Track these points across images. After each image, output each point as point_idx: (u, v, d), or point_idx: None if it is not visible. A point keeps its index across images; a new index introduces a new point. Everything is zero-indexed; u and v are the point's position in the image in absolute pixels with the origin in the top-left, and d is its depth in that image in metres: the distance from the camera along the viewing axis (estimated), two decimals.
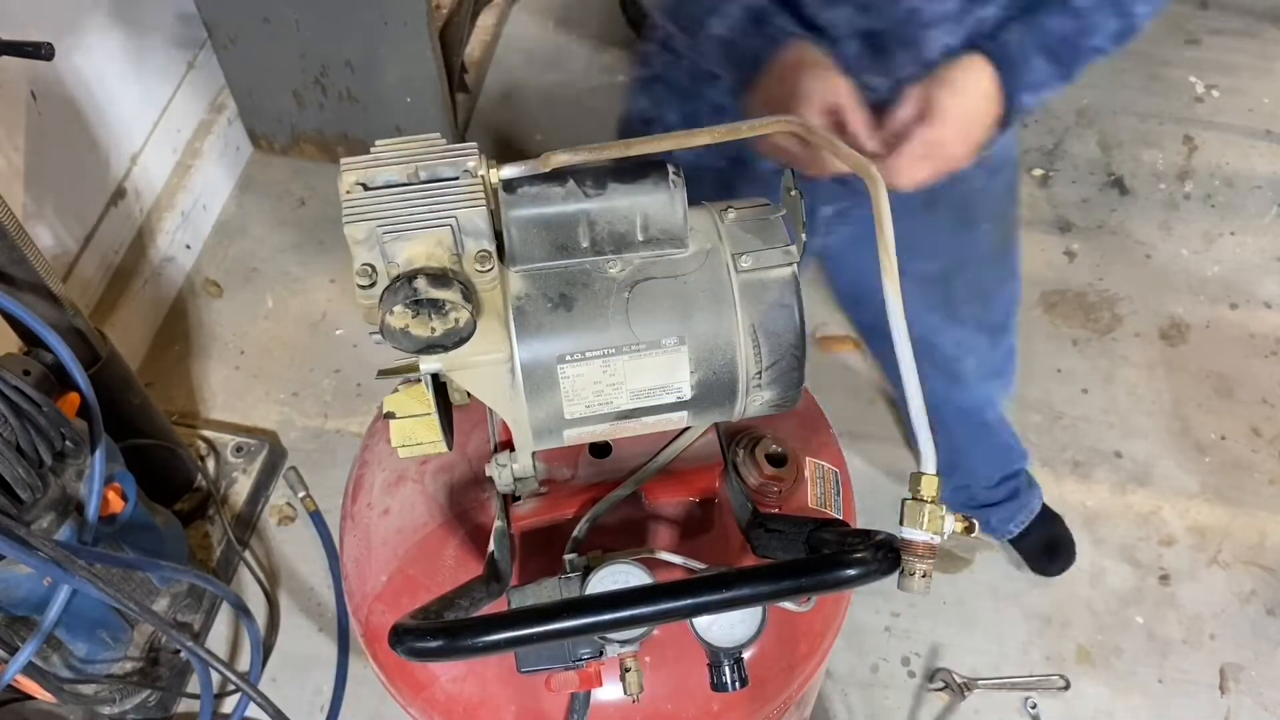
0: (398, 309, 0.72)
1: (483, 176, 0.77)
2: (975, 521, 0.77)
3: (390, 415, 0.92)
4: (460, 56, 2.51)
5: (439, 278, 0.72)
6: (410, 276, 0.72)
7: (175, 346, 2.32)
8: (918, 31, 1.13)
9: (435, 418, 0.90)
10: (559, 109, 2.72)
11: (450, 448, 0.94)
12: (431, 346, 0.76)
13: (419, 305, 0.72)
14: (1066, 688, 1.91)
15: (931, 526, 0.72)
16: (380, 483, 1.12)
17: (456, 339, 0.75)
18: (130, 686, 1.72)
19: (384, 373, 0.93)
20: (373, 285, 0.74)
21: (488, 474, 0.95)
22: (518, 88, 2.77)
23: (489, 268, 0.75)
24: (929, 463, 0.73)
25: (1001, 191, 1.42)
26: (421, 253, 0.73)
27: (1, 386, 1.30)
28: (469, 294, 0.74)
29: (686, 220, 0.83)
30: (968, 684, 1.91)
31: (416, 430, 0.92)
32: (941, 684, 1.92)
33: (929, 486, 0.73)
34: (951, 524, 0.74)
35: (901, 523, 0.74)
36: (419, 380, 0.89)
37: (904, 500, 0.74)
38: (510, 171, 0.78)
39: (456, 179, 0.76)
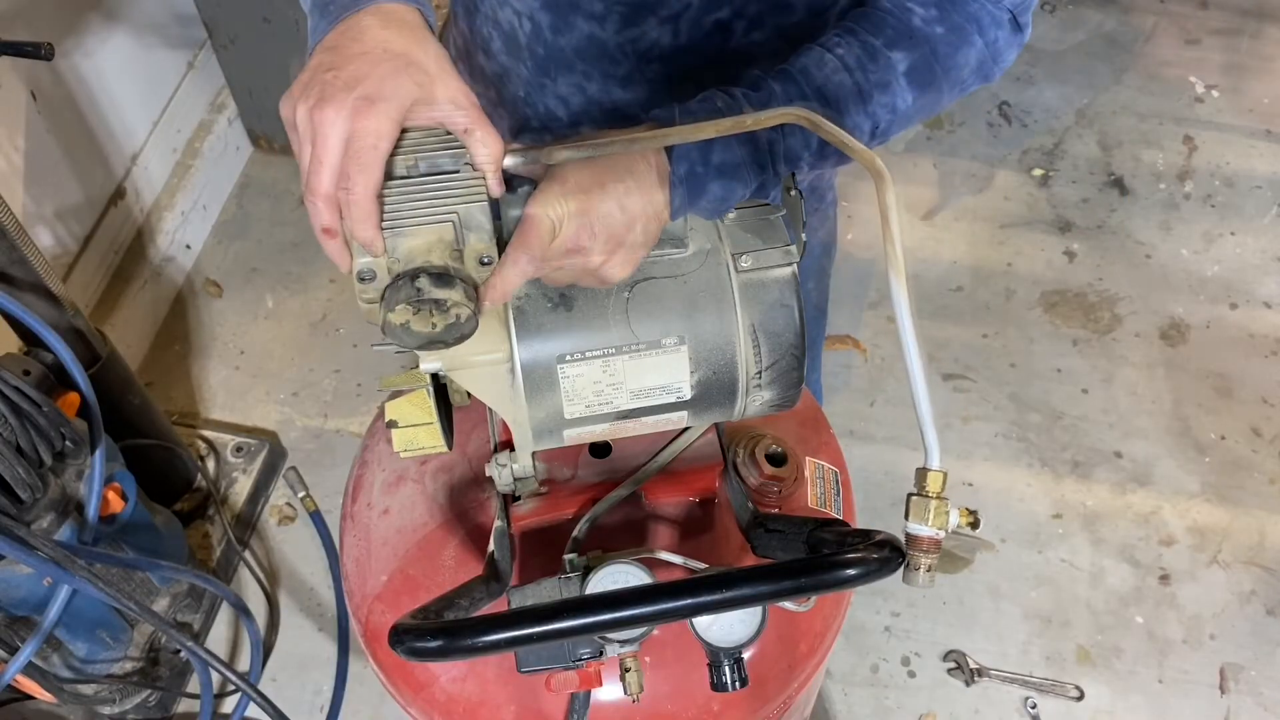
0: (399, 306, 0.72)
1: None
2: (979, 515, 0.77)
3: (392, 424, 0.92)
4: None
5: (441, 276, 0.72)
6: (413, 275, 0.71)
7: (175, 346, 2.32)
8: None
9: (437, 426, 0.90)
10: None
11: (451, 448, 0.94)
12: (433, 342, 0.75)
13: (421, 304, 0.72)
14: (1080, 698, 1.91)
15: (937, 521, 0.73)
16: (380, 483, 1.12)
17: (458, 335, 0.75)
18: (130, 686, 1.72)
19: (388, 385, 0.93)
20: (373, 281, 0.74)
21: (488, 474, 0.95)
22: None
23: (490, 262, 0.75)
24: (934, 458, 0.73)
25: (820, 252, 1.38)
26: (422, 247, 0.73)
27: (1, 386, 1.30)
28: (471, 291, 0.74)
29: (686, 220, 0.83)
30: (980, 670, 1.92)
31: (419, 436, 0.92)
32: (954, 664, 1.93)
33: (935, 481, 0.73)
34: (956, 518, 0.74)
35: (907, 517, 0.74)
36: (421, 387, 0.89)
37: (909, 495, 0.74)
38: (511, 161, 0.77)
39: (457, 171, 0.75)
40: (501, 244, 0.78)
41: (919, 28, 0.88)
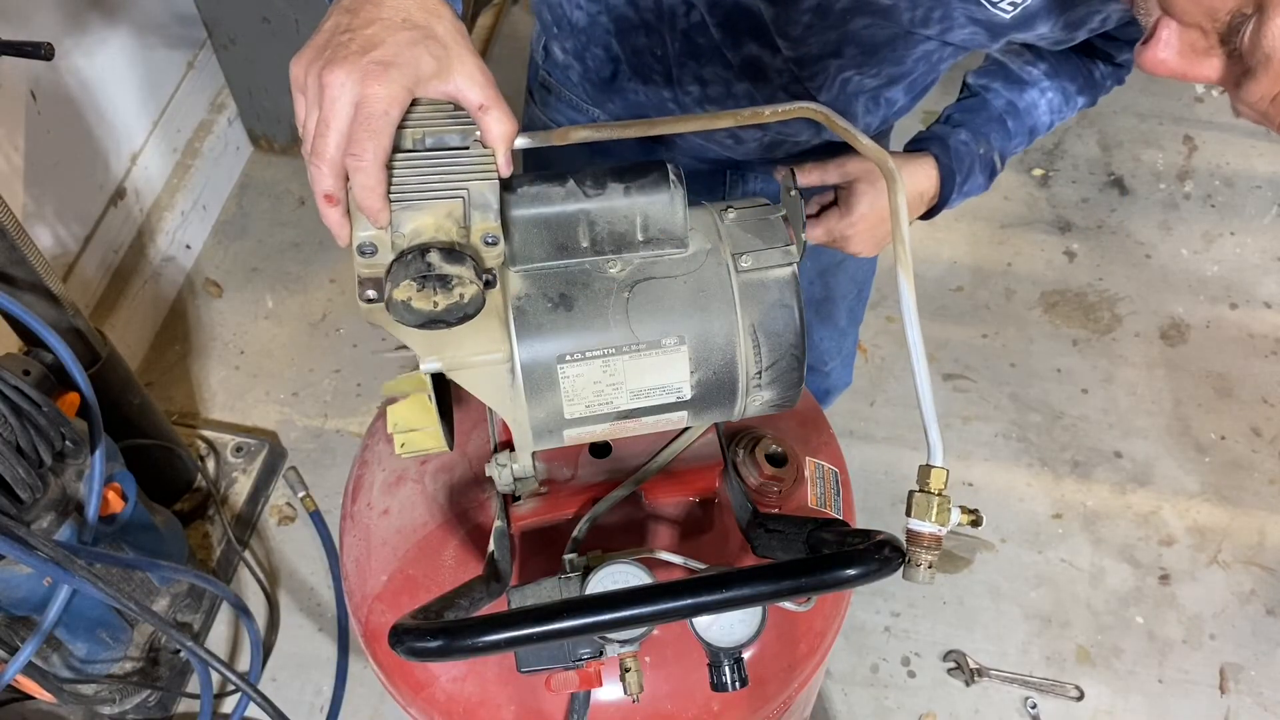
0: (405, 281, 0.71)
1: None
2: (981, 514, 0.77)
3: (395, 428, 0.92)
4: None
5: (452, 253, 0.70)
6: (423, 250, 0.70)
7: (175, 346, 2.32)
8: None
9: (438, 427, 0.89)
10: None
11: (451, 448, 0.94)
12: (434, 321, 0.74)
13: (427, 280, 0.71)
14: (1080, 698, 1.91)
15: (939, 518, 0.73)
16: (380, 483, 1.12)
17: (460, 314, 0.73)
18: (130, 686, 1.72)
19: (390, 390, 0.93)
20: (374, 255, 0.72)
21: (488, 474, 0.95)
22: (516, 87, 2.77)
23: (496, 241, 0.73)
24: (937, 455, 0.73)
25: None
26: (430, 224, 0.71)
27: (2, 386, 1.30)
28: (479, 269, 0.73)
29: (686, 220, 0.83)
30: (980, 670, 1.92)
31: (420, 439, 0.92)
32: (954, 664, 1.93)
33: (937, 479, 0.74)
34: (957, 516, 0.74)
35: (909, 513, 0.74)
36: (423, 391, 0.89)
37: (911, 492, 0.74)
38: (522, 142, 0.75)
39: (466, 148, 0.73)
40: (506, 227, 0.78)
41: (1098, 80, 1.16)
